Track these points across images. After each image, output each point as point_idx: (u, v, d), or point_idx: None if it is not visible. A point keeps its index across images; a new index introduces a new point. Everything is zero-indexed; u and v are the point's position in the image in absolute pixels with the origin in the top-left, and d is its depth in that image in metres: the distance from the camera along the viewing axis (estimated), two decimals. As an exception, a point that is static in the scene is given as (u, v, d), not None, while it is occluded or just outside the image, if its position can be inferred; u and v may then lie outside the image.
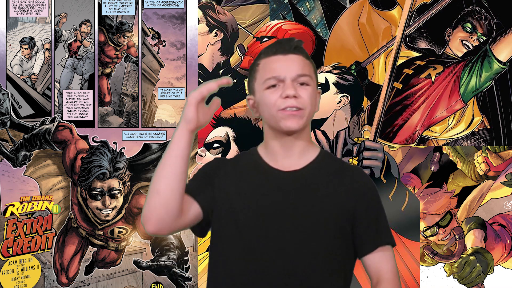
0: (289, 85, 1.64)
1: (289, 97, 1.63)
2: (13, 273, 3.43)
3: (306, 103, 1.65)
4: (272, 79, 1.66)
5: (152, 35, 3.53)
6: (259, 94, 1.69)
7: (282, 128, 1.65)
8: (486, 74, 3.52)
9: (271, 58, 1.70)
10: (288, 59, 1.68)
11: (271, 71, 1.67)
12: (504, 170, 3.55)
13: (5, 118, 3.47)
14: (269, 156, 1.71)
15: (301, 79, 1.66)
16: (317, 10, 3.59)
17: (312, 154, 1.72)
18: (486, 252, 3.53)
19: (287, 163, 1.69)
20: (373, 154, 3.44)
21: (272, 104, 1.64)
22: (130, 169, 3.48)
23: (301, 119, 1.64)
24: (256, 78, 1.72)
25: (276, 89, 1.65)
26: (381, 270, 1.67)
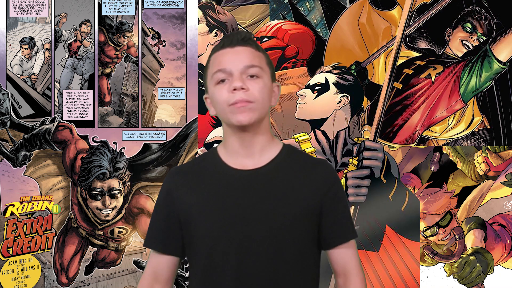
0: (236, 77, 1.57)
1: (237, 90, 1.56)
2: (13, 273, 3.43)
3: (256, 96, 1.57)
4: (219, 73, 1.59)
5: (152, 35, 3.53)
6: (211, 90, 1.64)
7: (234, 123, 1.59)
8: (486, 74, 3.52)
9: (218, 52, 1.63)
10: (235, 51, 1.61)
11: (218, 64, 1.61)
12: (504, 170, 3.55)
13: (5, 118, 3.47)
14: (229, 156, 1.65)
15: (250, 71, 1.59)
16: (317, 10, 3.59)
17: (274, 150, 1.66)
18: (486, 252, 3.53)
19: (248, 162, 1.64)
20: (373, 154, 3.44)
21: (222, 100, 1.59)
22: (130, 169, 3.48)
23: (252, 112, 1.57)
24: (207, 75, 1.66)
25: (225, 83, 1.59)
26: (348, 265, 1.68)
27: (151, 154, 3.50)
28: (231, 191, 1.61)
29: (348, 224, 1.70)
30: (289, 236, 1.60)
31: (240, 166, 1.63)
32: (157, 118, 3.53)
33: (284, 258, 1.59)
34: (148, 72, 3.54)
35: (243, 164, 1.63)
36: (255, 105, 1.57)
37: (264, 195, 1.60)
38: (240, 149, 1.64)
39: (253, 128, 1.61)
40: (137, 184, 3.49)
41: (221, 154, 1.67)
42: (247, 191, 1.61)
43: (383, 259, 3.47)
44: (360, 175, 3.42)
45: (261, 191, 1.61)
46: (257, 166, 1.63)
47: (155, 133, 3.51)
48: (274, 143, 1.68)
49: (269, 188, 1.61)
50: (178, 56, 3.53)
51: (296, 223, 1.61)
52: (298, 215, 1.61)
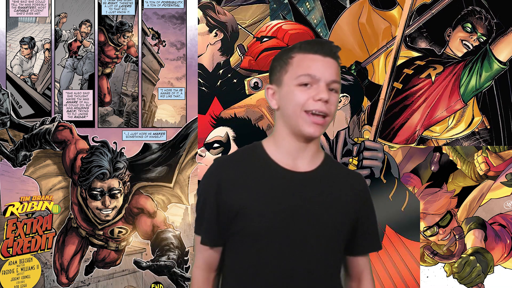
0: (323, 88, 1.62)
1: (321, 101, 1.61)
2: (13, 273, 3.43)
3: (333, 110, 1.65)
4: (308, 77, 1.62)
5: (152, 35, 3.53)
6: (288, 88, 1.65)
7: (302, 132, 1.64)
8: (486, 74, 3.52)
9: (309, 56, 1.65)
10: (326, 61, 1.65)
11: (308, 68, 1.63)
12: (504, 170, 3.55)
13: (5, 118, 3.47)
14: (280, 155, 1.69)
15: (333, 85, 1.65)
16: (317, 10, 3.59)
17: (320, 158, 1.73)
18: (486, 252, 3.53)
19: (299, 165, 1.69)
20: (373, 154, 3.44)
21: (300, 103, 1.62)
22: (130, 169, 3.48)
23: (323, 128, 1.65)
24: (288, 71, 1.67)
25: (308, 88, 1.63)
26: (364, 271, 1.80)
27: (151, 154, 3.50)
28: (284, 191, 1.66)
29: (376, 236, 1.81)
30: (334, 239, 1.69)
31: (292, 167, 1.68)
32: (157, 118, 3.53)
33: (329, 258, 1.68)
34: (148, 72, 3.53)
35: (295, 166, 1.69)
36: (328, 119, 1.65)
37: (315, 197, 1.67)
38: (295, 152, 1.68)
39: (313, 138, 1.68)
40: (137, 184, 3.49)
41: (270, 152, 1.71)
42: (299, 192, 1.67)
43: (383, 259, 3.47)
44: (360, 175, 3.42)
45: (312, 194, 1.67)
46: (307, 170, 1.69)
47: (155, 133, 3.51)
48: (320, 151, 1.76)
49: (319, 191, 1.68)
50: (178, 56, 3.53)
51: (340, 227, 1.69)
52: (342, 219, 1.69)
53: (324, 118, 1.62)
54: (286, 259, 1.64)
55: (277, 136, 1.71)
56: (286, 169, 1.68)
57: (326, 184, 1.69)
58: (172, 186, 3.49)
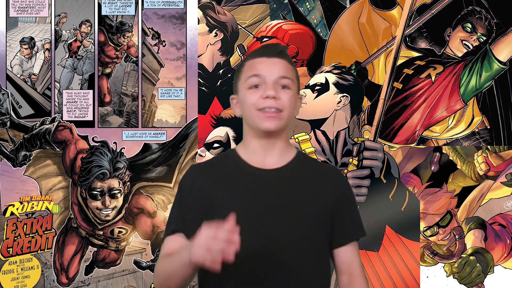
0: (270, 86, 1.69)
1: (268, 98, 1.68)
2: (13, 273, 3.43)
3: (285, 105, 1.70)
4: (255, 78, 1.71)
5: (152, 35, 3.53)
6: (242, 93, 1.75)
7: (259, 128, 1.70)
8: (486, 74, 3.52)
9: (256, 60, 1.75)
10: (271, 61, 1.73)
11: (254, 70, 1.72)
12: (504, 170, 3.55)
13: (5, 118, 3.47)
14: (250, 156, 1.76)
15: (282, 82, 1.71)
16: (317, 10, 3.59)
17: (291, 154, 1.78)
18: (486, 252, 3.53)
19: (268, 162, 1.74)
20: (373, 154, 3.44)
21: (252, 104, 1.70)
22: (130, 169, 3.48)
23: (279, 121, 1.69)
24: (240, 78, 1.77)
25: (258, 89, 1.70)
26: (353, 263, 1.78)
27: (151, 154, 3.50)
28: (254, 187, 1.71)
29: (356, 225, 1.81)
30: (308, 232, 1.70)
31: (261, 165, 1.74)
32: (157, 118, 3.53)
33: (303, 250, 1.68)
34: (148, 72, 3.53)
35: (263, 163, 1.74)
36: (282, 114, 1.69)
37: (285, 192, 1.71)
38: (262, 150, 1.74)
39: (275, 134, 1.73)
40: (137, 184, 3.49)
41: (241, 153, 1.77)
42: (268, 188, 1.71)
43: (383, 259, 3.47)
44: (360, 175, 3.42)
45: (282, 189, 1.71)
46: (276, 166, 1.74)
47: (155, 133, 3.51)
48: (290, 148, 1.80)
49: (288, 187, 1.72)
50: (178, 56, 3.53)
51: (314, 221, 1.71)
52: (316, 213, 1.72)
53: (277, 112, 1.68)
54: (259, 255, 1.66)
55: (245, 139, 1.79)
56: (256, 167, 1.73)
57: (298, 179, 1.73)
58: (172, 186, 3.49)
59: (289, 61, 1.77)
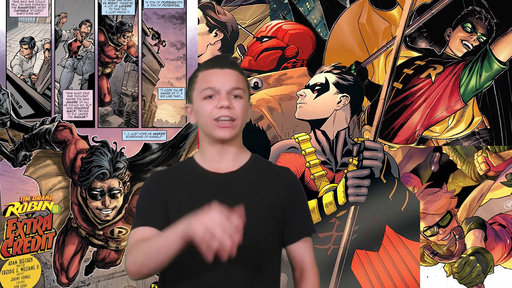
0: (224, 96, 1.78)
1: (223, 108, 1.76)
2: (13, 273, 3.43)
3: (238, 114, 1.79)
4: (209, 90, 1.79)
5: (152, 35, 3.53)
6: (197, 103, 1.82)
7: (215, 137, 1.79)
8: (486, 74, 3.52)
9: (209, 71, 1.83)
10: (224, 73, 1.81)
11: (208, 82, 1.80)
12: (504, 170, 3.55)
13: (5, 118, 3.48)
14: (206, 161, 1.84)
15: (235, 92, 1.80)
16: (317, 10, 3.59)
17: (244, 158, 1.87)
18: (486, 252, 3.53)
19: (223, 166, 1.83)
20: (373, 154, 3.44)
21: (207, 114, 1.78)
22: (130, 169, 3.48)
23: (233, 130, 1.79)
24: (194, 89, 1.84)
25: (212, 99, 1.79)
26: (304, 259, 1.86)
27: (151, 154, 3.50)
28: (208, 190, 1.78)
29: (306, 222, 1.90)
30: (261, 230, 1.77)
31: (216, 169, 1.83)
32: (157, 118, 3.53)
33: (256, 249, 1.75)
34: (148, 72, 3.54)
35: (218, 168, 1.83)
36: (236, 122, 1.80)
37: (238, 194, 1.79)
38: (216, 155, 1.84)
39: (229, 141, 1.82)
40: (137, 184, 3.49)
41: (198, 160, 1.87)
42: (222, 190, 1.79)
43: (383, 259, 3.47)
44: (360, 175, 3.42)
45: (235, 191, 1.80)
46: (229, 170, 1.83)
47: (155, 133, 3.51)
48: (244, 152, 1.89)
49: (241, 189, 1.81)
50: (178, 56, 3.53)
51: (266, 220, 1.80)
52: (267, 212, 1.80)
53: (231, 121, 1.78)
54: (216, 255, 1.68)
55: (201, 146, 1.88)
56: (211, 172, 1.82)
57: (250, 181, 1.82)
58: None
59: (240, 71, 1.85)
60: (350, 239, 3.45)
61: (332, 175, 3.51)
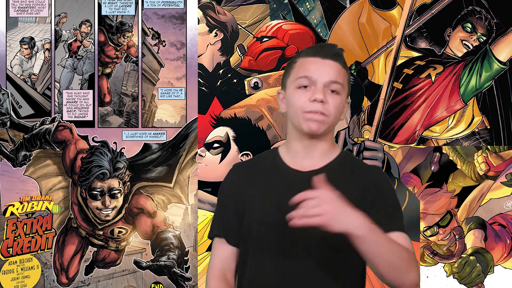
0: (319, 89, 1.65)
1: (316, 101, 1.64)
2: (13, 273, 3.43)
3: (331, 111, 1.66)
4: (304, 79, 1.67)
5: (152, 35, 3.53)
6: (289, 91, 1.71)
7: (303, 129, 1.67)
8: (486, 74, 3.52)
9: (308, 59, 1.70)
10: (325, 63, 1.68)
11: (305, 71, 1.68)
12: (504, 170, 3.55)
13: (5, 118, 3.47)
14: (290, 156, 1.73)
15: (333, 86, 1.67)
16: (317, 10, 3.59)
17: (332, 155, 1.74)
18: (486, 252, 3.53)
19: (307, 163, 1.71)
20: (373, 154, 3.44)
21: (299, 105, 1.66)
22: (130, 169, 3.48)
23: (323, 124, 1.66)
24: (290, 74, 1.72)
25: (307, 90, 1.66)
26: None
27: (151, 154, 3.50)
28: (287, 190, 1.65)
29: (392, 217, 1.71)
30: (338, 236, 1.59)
31: (299, 167, 1.71)
32: (157, 118, 3.53)
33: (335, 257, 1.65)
34: (148, 72, 3.54)
35: (301, 165, 1.71)
36: (328, 119, 1.66)
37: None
38: (302, 151, 1.71)
39: (319, 136, 1.69)
40: (137, 184, 3.49)
41: (282, 154, 1.75)
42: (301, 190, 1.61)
43: (383, 259, 3.47)
44: (360, 175, 3.42)
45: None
46: (314, 168, 1.70)
47: (155, 133, 3.51)
48: (334, 149, 1.76)
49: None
50: (178, 56, 3.53)
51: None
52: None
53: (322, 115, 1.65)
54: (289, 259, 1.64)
55: (288, 138, 1.76)
56: (293, 169, 1.70)
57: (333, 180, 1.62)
58: (172, 186, 3.49)
59: (343, 64, 1.73)
60: (350, 239, 3.45)
61: (332, 175, 3.50)
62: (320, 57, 1.68)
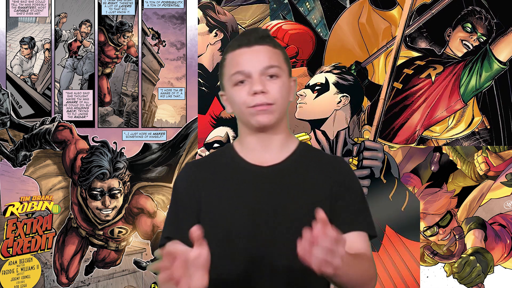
0: (256, 80, 1.55)
1: (257, 93, 1.54)
2: (13, 273, 3.43)
3: (276, 98, 1.56)
4: (238, 75, 1.57)
5: (152, 35, 3.53)
6: (228, 90, 1.61)
7: (253, 125, 1.58)
8: (486, 74, 3.52)
9: (235, 52, 1.59)
10: (253, 51, 1.57)
11: (236, 65, 1.57)
12: (504, 170, 3.55)
13: (5, 118, 3.47)
14: (247, 152, 1.64)
15: (269, 71, 1.56)
16: (317, 10, 3.59)
17: (291, 146, 1.66)
18: (486, 252, 3.53)
19: (266, 158, 1.62)
20: (373, 154, 3.44)
21: (241, 102, 1.57)
22: (130, 169, 3.48)
23: (272, 114, 1.56)
24: (224, 74, 1.62)
25: (244, 85, 1.57)
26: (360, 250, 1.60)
27: (151, 154, 3.50)
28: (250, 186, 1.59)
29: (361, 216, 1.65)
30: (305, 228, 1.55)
31: (258, 162, 1.62)
32: (157, 118, 3.53)
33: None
34: (148, 72, 3.53)
35: (261, 160, 1.62)
36: (275, 106, 1.56)
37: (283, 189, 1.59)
38: (258, 146, 1.62)
39: (272, 128, 1.60)
40: (137, 184, 3.49)
41: (238, 150, 1.66)
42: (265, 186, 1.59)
43: (383, 259, 3.47)
44: (360, 175, 3.42)
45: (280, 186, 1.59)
46: (275, 162, 1.62)
47: (155, 133, 3.51)
48: (291, 139, 1.67)
49: (287, 183, 1.60)
50: (178, 56, 3.53)
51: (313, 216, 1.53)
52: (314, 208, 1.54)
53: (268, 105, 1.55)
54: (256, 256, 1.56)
55: (240, 134, 1.66)
56: (253, 165, 1.61)
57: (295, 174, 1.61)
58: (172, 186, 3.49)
59: (273, 45, 1.60)
60: (350, 239, 3.45)
61: (332, 175, 3.50)
62: (246, 46, 1.57)
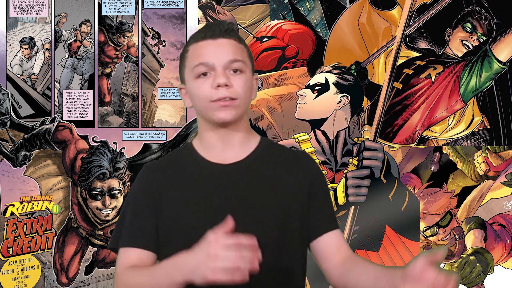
0: (220, 73, 1.50)
1: (220, 86, 1.50)
2: (13, 273, 3.43)
3: (239, 92, 1.52)
4: (201, 66, 1.52)
5: (152, 35, 3.53)
6: (189, 83, 1.56)
7: (215, 120, 1.53)
8: (486, 74, 3.52)
9: (199, 44, 1.54)
10: (218, 43, 1.53)
11: (200, 57, 1.53)
12: (504, 170, 3.55)
13: (5, 118, 3.48)
14: (207, 150, 1.59)
15: (234, 65, 1.52)
16: (317, 10, 3.59)
17: (253, 143, 1.62)
18: (486, 252, 3.53)
19: (227, 155, 1.57)
20: (373, 154, 3.44)
21: (203, 95, 1.52)
22: (130, 169, 3.48)
23: (234, 110, 1.52)
24: (186, 66, 1.57)
25: (207, 78, 1.52)
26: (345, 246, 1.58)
27: (151, 154, 3.50)
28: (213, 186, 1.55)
29: (333, 214, 1.64)
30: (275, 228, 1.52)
31: (219, 160, 1.57)
32: (157, 118, 3.53)
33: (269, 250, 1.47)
34: (148, 72, 3.54)
35: (222, 158, 1.57)
36: (238, 102, 1.52)
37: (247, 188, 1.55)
38: (219, 143, 1.58)
39: (233, 124, 1.56)
40: (137, 184, 3.49)
41: (198, 148, 1.61)
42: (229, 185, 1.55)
43: (383, 259, 3.47)
44: (360, 175, 3.42)
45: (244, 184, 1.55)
46: (236, 159, 1.58)
47: (155, 133, 3.51)
48: (252, 136, 1.64)
49: (251, 181, 1.56)
50: (178, 56, 3.53)
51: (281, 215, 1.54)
52: (284, 206, 1.54)
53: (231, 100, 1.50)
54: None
55: (200, 131, 1.61)
56: (214, 163, 1.56)
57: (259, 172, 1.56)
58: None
59: (238, 39, 1.56)
60: (350, 239, 3.45)
61: (332, 175, 3.51)
62: (211, 38, 1.53)
